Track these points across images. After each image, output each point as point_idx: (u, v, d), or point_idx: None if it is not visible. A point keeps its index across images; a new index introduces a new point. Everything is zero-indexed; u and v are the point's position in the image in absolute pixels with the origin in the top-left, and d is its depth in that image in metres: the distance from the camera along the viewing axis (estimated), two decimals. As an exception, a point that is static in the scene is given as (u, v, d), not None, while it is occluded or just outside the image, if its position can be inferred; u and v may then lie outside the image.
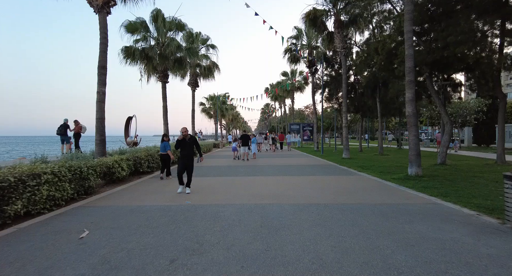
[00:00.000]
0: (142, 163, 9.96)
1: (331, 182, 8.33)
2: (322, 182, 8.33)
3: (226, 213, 4.99)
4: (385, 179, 8.73)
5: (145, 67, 15.56)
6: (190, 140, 6.83)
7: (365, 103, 22.07)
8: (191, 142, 6.83)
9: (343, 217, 4.67)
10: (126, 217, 4.80)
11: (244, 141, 15.56)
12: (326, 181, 8.52)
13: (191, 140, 6.85)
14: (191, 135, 6.97)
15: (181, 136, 6.77)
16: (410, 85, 8.98)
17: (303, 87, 36.38)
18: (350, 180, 8.61)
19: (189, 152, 6.81)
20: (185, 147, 6.77)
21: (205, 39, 23.07)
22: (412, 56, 8.89)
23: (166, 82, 16.18)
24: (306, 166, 12.54)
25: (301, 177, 9.24)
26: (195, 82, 22.74)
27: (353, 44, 20.05)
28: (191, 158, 6.89)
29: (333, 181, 8.43)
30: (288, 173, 10.35)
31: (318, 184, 7.97)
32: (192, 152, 6.92)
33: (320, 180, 8.71)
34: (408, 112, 9.05)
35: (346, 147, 15.87)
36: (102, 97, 9.08)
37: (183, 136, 6.74)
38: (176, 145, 6.90)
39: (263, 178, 9.20)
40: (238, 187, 7.52)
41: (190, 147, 6.80)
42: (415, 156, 8.86)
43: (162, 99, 16.00)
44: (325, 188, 7.33)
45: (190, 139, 6.83)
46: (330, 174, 10.11)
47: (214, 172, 10.68)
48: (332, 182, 8.33)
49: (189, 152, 6.81)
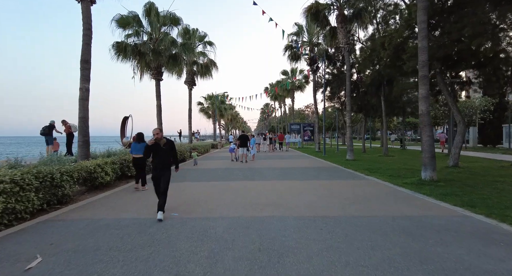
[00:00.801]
0: (130, 166, 9.14)
1: (337, 187, 7.52)
2: (327, 187, 7.52)
3: (218, 229, 4.17)
4: (397, 184, 7.92)
5: (137, 64, 14.75)
6: (166, 145, 5.04)
7: (368, 102, 21.26)
8: (167, 148, 5.05)
9: (358, 235, 3.86)
10: (98, 234, 3.99)
11: (243, 141, 14.76)
12: (331, 186, 7.71)
13: (167, 146, 5.05)
14: (167, 139, 5.20)
15: (153, 140, 4.92)
16: (424, 80, 8.17)
17: (304, 86, 35.57)
18: (358, 185, 7.80)
19: (164, 161, 5.01)
20: (158, 155, 4.99)
21: (202, 36, 22.26)
22: (426, 49, 8.08)
23: (160, 80, 15.37)
24: (308, 169, 11.73)
25: (304, 182, 8.43)
26: (192, 81, 21.92)
27: (356, 41, 19.26)
28: (167, 168, 5.03)
29: (339, 186, 7.62)
30: (290, 176, 9.54)
31: (323, 190, 7.16)
32: (167, 160, 5.09)
33: (325, 185, 7.90)
34: (422, 110, 8.24)
35: (350, 148, 15.07)
36: (86, 94, 8.26)
37: (155, 140, 4.91)
38: (145, 152, 5.06)
39: (263, 182, 8.39)
40: (234, 194, 6.70)
41: (165, 155, 5.02)
42: (429, 158, 8.05)
43: (156, 97, 15.19)
44: (331, 195, 6.52)
45: (166, 144, 5.04)
46: (335, 177, 9.30)
47: (209, 176, 9.87)
48: (339, 187, 7.52)
49: (164, 160, 5.01)
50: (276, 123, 62.03)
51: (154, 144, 4.93)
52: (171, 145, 5.17)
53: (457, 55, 11.06)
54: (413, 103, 25.38)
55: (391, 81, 18.31)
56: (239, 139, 14.97)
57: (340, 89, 21.57)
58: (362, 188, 7.44)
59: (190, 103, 22.00)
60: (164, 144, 5.02)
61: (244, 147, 14.72)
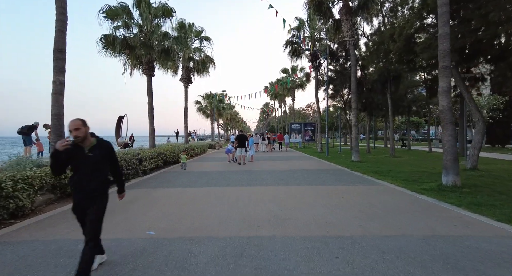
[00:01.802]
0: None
1: (348, 195, 6.51)
2: (336, 194, 6.51)
3: (201, 258, 3.16)
4: (415, 190, 6.91)
5: (127, 59, 13.73)
6: (96, 150, 2.71)
7: (373, 100, 20.27)
8: (97, 156, 2.71)
9: (390, 269, 2.85)
10: (38, 268, 2.98)
11: (241, 142, 13.74)
12: (341, 193, 6.70)
13: (99, 151, 2.73)
14: (100, 139, 2.84)
15: (66, 142, 2.53)
16: (445, 72, 7.15)
17: (304, 84, 34.56)
18: (371, 192, 6.79)
19: (91, 178, 2.70)
20: (79, 168, 2.69)
21: (198, 31, 21.26)
22: (448, 35, 7.06)
23: (152, 75, 14.34)
24: (312, 172, 10.72)
25: (309, 188, 7.42)
26: (188, 78, 20.90)
27: (360, 35, 18.26)
28: (99, 192, 2.76)
29: (350, 194, 6.60)
30: (293, 180, 8.53)
31: (332, 198, 6.15)
32: (99, 178, 2.75)
33: (334, 192, 6.89)
34: (443, 106, 7.22)
35: (355, 149, 14.06)
36: (60, 88, 7.24)
37: (73, 142, 2.58)
38: (53, 161, 2.64)
39: (262, 188, 7.37)
40: (228, 204, 5.69)
41: (93, 167, 2.69)
42: (452, 161, 7.04)
43: (148, 95, 14.17)
44: (343, 205, 5.51)
45: (96, 149, 2.72)
46: (343, 182, 8.28)
47: (202, 180, 8.86)
48: (350, 195, 6.51)
49: (92, 178, 2.70)
50: (276, 123, 61.03)
51: (72, 149, 2.58)
52: (107, 149, 2.83)
53: (475, 47, 10.06)
54: (418, 102, 24.43)
55: (397, 78, 17.34)
56: (237, 139, 13.95)
57: (344, 86, 20.56)
58: (377, 195, 6.43)
59: (186, 102, 20.99)
60: (92, 147, 2.70)
61: (242, 147, 13.71)
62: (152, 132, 14.19)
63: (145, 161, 10.70)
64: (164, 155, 12.63)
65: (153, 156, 11.37)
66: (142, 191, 7.26)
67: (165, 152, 12.73)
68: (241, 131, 15.25)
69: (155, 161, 11.53)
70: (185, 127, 21.20)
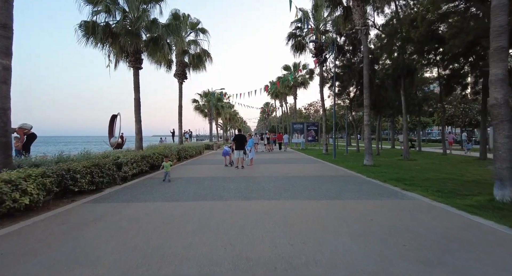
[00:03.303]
0: (78, 177, 6.53)
1: (377, 214, 4.91)
2: (362, 215, 4.90)
3: None
4: (461, 207, 5.31)
5: (110, 48, 12.13)
6: None
7: (383, 98, 18.66)
8: None
9: None
10: None
11: (239, 143, 12.16)
12: (367, 212, 5.09)
13: None
14: None
15: None
16: (501, 55, 5.54)
17: (307, 82, 32.95)
18: (406, 211, 5.18)
19: None
20: None
21: (194, 23, 19.69)
22: (506, 6, 5.46)
23: (139, 68, 12.73)
24: (322, 178, 9.11)
25: (324, 203, 5.81)
26: (183, 73, 19.30)
27: (371, 26, 16.64)
28: None
29: (379, 213, 5.00)
30: (301, 191, 6.92)
31: (358, 220, 4.54)
32: None
33: (357, 209, 5.29)
34: (496, 99, 5.62)
35: (368, 151, 12.46)
36: (4, 75, 5.65)
37: None
38: None
39: (263, 204, 5.77)
40: (216, 232, 4.09)
41: None
42: (509, 169, 5.44)
43: (134, 89, 12.55)
44: (376, 233, 3.90)
45: None
46: (364, 194, 6.66)
47: (190, 190, 7.26)
48: (379, 215, 4.90)
49: None
50: (276, 123, 59.39)
51: None
52: None
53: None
54: (430, 100, 22.85)
55: (411, 73, 15.73)
56: (235, 140, 12.38)
57: (351, 83, 18.95)
58: (416, 216, 4.82)
59: (180, 99, 19.39)
60: None
61: (241, 149, 12.12)
62: (139, 132, 12.59)
63: (126, 165, 9.11)
64: (151, 157, 11.02)
65: (136, 160, 9.77)
66: (109, 207, 5.66)
67: (151, 154, 11.12)
68: (240, 131, 13.62)
69: (139, 165, 9.92)
70: (179, 126, 19.61)
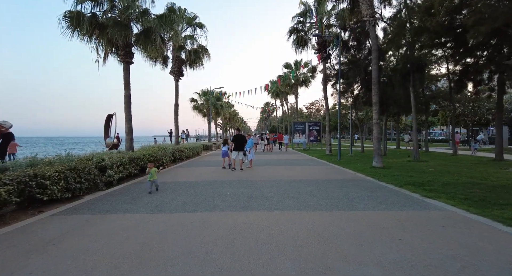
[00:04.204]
0: (47, 184, 5.60)
1: (404, 232, 3.97)
2: (385, 233, 3.96)
3: None
4: (507, 222, 4.37)
5: (97, 41, 11.20)
6: None
7: (390, 96, 17.71)
8: None
9: None
10: None
11: (238, 144, 11.27)
12: (391, 228, 4.15)
13: None
14: None
15: None
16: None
17: (309, 80, 32.02)
18: (438, 227, 4.23)
19: None
20: None
21: (191, 18, 18.76)
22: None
23: (130, 62, 11.78)
24: (329, 183, 8.17)
25: (336, 215, 4.87)
26: (179, 70, 18.37)
27: (378, 19, 15.71)
28: None
29: (407, 230, 4.05)
30: (307, 199, 5.98)
31: (383, 242, 3.60)
32: None
33: (377, 224, 4.35)
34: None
35: (377, 152, 11.52)
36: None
37: None
38: None
39: (264, 216, 4.83)
40: (204, 258, 3.14)
41: None
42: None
43: (124, 86, 11.61)
44: (411, 261, 2.96)
45: None
46: (381, 203, 5.70)
47: (180, 197, 6.32)
48: (407, 232, 3.96)
49: None
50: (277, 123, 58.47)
51: None
52: None
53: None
54: (439, 98, 21.91)
55: (422, 68, 14.80)
56: (234, 141, 11.46)
57: (356, 80, 18.02)
58: (454, 236, 3.88)
59: (176, 97, 18.46)
60: None
61: (240, 150, 11.23)
62: (130, 132, 11.66)
63: (110, 169, 8.19)
64: (141, 159, 10.09)
65: (124, 162, 8.84)
66: (81, 220, 4.72)
67: (141, 156, 10.19)
68: (239, 131, 12.70)
69: (126, 168, 9.00)
70: (175, 126, 18.67)
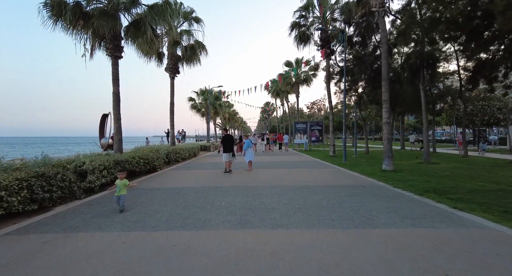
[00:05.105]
0: (2, 195, 4.66)
1: (451, 266, 3.02)
2: (424, 263, 3.02)
3: None
4: None
5: (84, 33, 10.26)
6: None
7: (397, 94, 16.77)
8: None
9: None
10: None
11: (227, 145, 10.64)
12: (430, 256, 3.21)
13: None
14: None
15: None
16: None
17: (310, 79, 31.07)
18: (493, 255, 3.29)
19: None
20: None
21: (187, 12, 17.85)
22: None
23: (119, 57, 10.83)
24: (338, 189, 7.22)
25: (354, 235, 3.93)
26: (174, 67, 17.43)
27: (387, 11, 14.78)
28: None
29: (455, 262, 3.11)
30: (315, 212, 5.04)
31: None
32: None
33: (409, 249, 3.40)
34: None
35: (387, 154, 10.57)
36: None
37: None
38: None
39: (264, 236, 3.89)
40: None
41: None
42: None
43: (113, 82, 10.66)
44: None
45: None
46: (406, 219, 4.76)
47: (167, 209, 5.38)
48: (457, 266, 3.02)
49: None
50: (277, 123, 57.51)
51: None
52: None
53: None
54: (447, 96, 20.96)
55: (433, 63, 13.87)
56: (223, 141, 10.84)
57: (361, 76, 17.08)
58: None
59: (172, 95, 17.51)
60: None
61: (229, 151, 10.54)
62: (118, 132, 10.72)
63: (92, 174, 7.25)
64: (129, 162, 9.16)
65: (108, 166, 7.90)
66: (38, 242, 3.78)
67: (130, 158, 9.26)
68: (226, 130, 12.20)
69: (111, 172, 8.05)
70: (171, 126, 17.72)
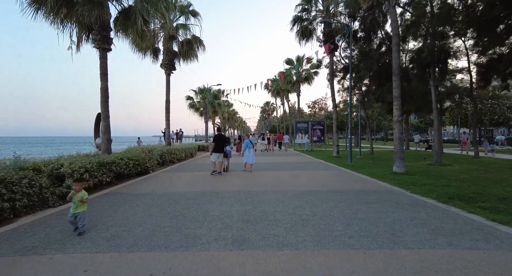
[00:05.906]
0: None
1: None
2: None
3: None
4: None
5: (68, 22, 9.42)
6: None
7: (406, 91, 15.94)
8: None
9: None
10: None
11: (219, 145, 9.89)
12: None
13: None
14: None
15: None
16: None
17: (312, 77, 30.27)
18: None
19: None
20: None
21: (184, 6, 17.01)
22: None
23: (107, 49, 9.99)
24: (349, 195, 6.37)
25: (377, 257, 3.07)
26: (170, 63, 16.60)
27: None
28: None
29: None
30: (327, 226, 4.19)
31: None
32: None
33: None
34: None
35: (399, 155, 9.74)
36: None
37: None
38: None
39: (266, 262, 3.04)
40: None
41: None
42: None
43: (100, 76, 9.81)
44: None
45: None
46: (440, 236, 3.90)
47: (151, 221, 4.53)
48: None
49: None
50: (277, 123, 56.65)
51: None
52: None
53: None
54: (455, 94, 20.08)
55: (445, 58, 13.04)
56: (214, 141, 10.08)
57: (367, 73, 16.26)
58: None
59: (168, 93, 16.69)
60: None
61: (221, 152, 9.77)
62: (107, 131, 9.88)
63: (70, 177, 6.42)
64: (116, 164, 8.32)
65: (90, 168, 7.05)
66: None
67: (117, 160, 8.42)
68: (219, 129, 11.32)
69: (94, 175, 7.21)
70: (166, 125, 16.90)
